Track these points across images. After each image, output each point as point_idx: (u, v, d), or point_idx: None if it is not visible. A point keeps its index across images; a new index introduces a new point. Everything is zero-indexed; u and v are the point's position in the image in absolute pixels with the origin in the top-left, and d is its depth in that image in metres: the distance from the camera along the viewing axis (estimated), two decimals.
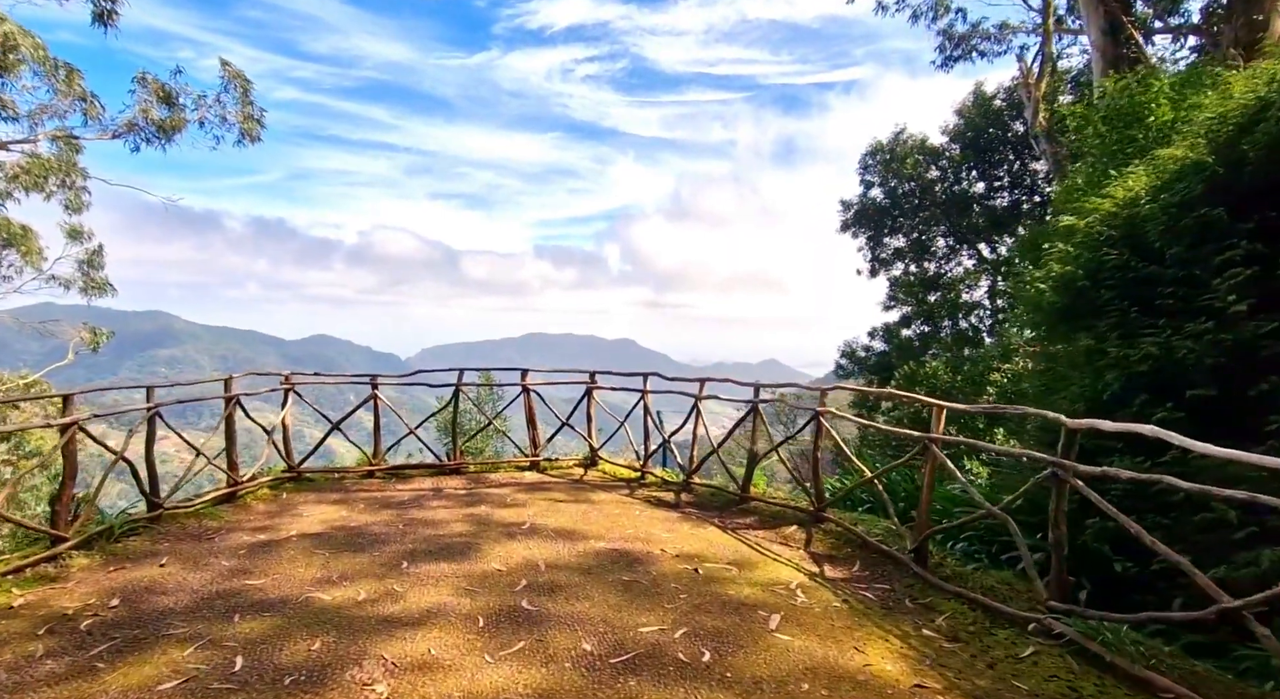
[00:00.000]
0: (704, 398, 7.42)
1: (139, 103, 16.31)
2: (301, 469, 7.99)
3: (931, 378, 13.17)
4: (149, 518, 6.06)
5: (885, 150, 16.73)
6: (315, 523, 6.40)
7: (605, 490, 7.77)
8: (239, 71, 17.09)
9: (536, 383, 8.64)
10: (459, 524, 6.35)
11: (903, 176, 16.49)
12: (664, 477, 7.94)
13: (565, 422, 8.73)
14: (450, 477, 8.32)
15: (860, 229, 17.61)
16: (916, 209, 16.75)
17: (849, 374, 18.92)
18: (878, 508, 6.60)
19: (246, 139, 17.42)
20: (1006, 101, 14.91)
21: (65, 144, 16.98)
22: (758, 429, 6.93)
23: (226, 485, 7.06)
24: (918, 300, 16.56)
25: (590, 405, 8.78)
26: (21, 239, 18.23)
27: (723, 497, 7.26)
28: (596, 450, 8.79)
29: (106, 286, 20.50)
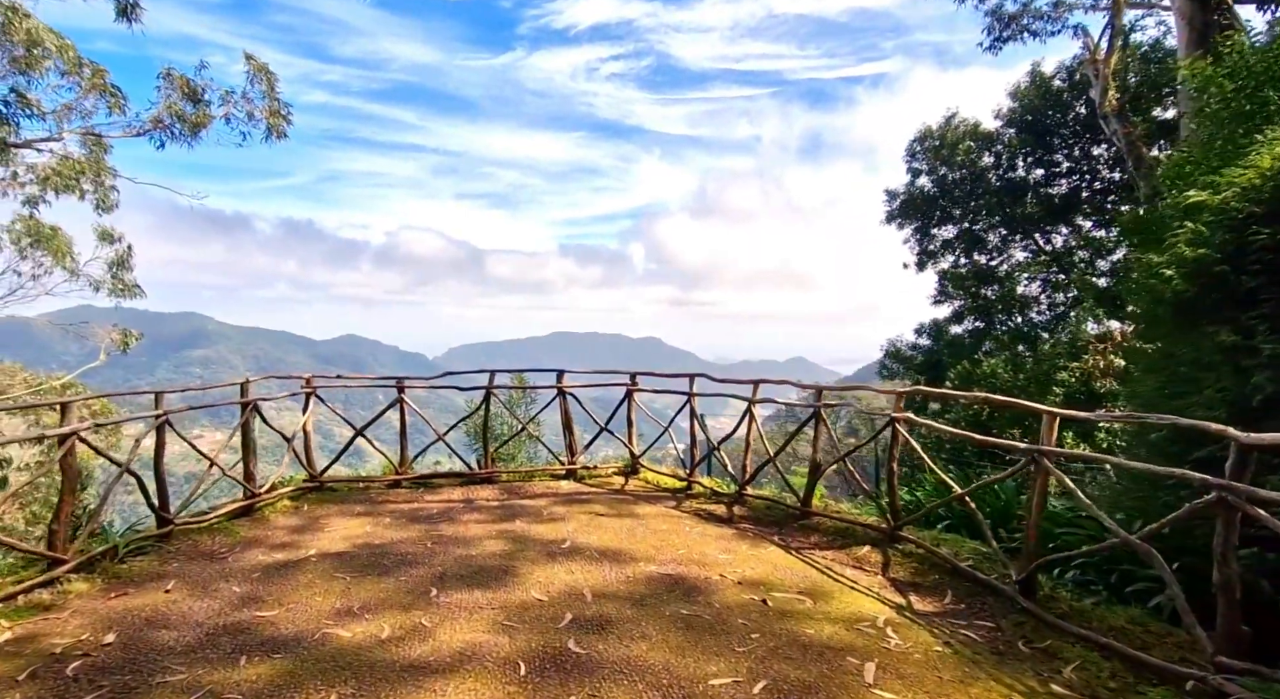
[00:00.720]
0: (758, 401, 6.74)
1: (164, 99, 16.09)
2: (324, 479, 7.49)
3: (990, 377, 12.32)
4: (158, 535, 5.58)
5: (934, 136, 15.82)
6: (337, 540, 5.87)
7: (649, 502, 7.14)
8: (263, 65, 16.79)
9: (573, 385, 8.03)
10: (493, 542, 5.76)
11: (953, 164, 15.58)
12: (713, 487, 7.28)
13: (604, 427, 8.12)
14: (482, 487, 7.75)
15: (907, 220, 16.71)
16: (967, 198, 15.82)
17: (894, 374, 18.02)
18: (958, 525, 5.88)
19: (273, 134, 17.12)
20: (1067, 81, 13.95)
21: (94, 144, 16.86)
22: (820, 436, 6.23)
23: (243, 498, 6.57)
24: (971, 294, 15.63)
25: (631, 409, 8.15)
26: (50, 239, 18.19)
27: (780, 510, 6.57)
28: (638, 457, 8.16)
29: (135, 289, 20.40)
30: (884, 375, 18.48)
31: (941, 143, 15.70)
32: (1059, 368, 11.22)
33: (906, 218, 16.75)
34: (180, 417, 6.79)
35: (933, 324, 17.06)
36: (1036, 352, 13.07)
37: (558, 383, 8.00)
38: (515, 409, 9.78)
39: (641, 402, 8.27)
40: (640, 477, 8.13)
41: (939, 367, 16.84)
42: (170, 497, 5.73)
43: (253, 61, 16.83)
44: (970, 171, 15.71)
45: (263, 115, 16.87)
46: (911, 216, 16.75)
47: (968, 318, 15.90)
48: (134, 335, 21.92)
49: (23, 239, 18.27)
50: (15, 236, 18.17)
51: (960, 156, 15.50)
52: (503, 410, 9.49)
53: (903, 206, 16.58)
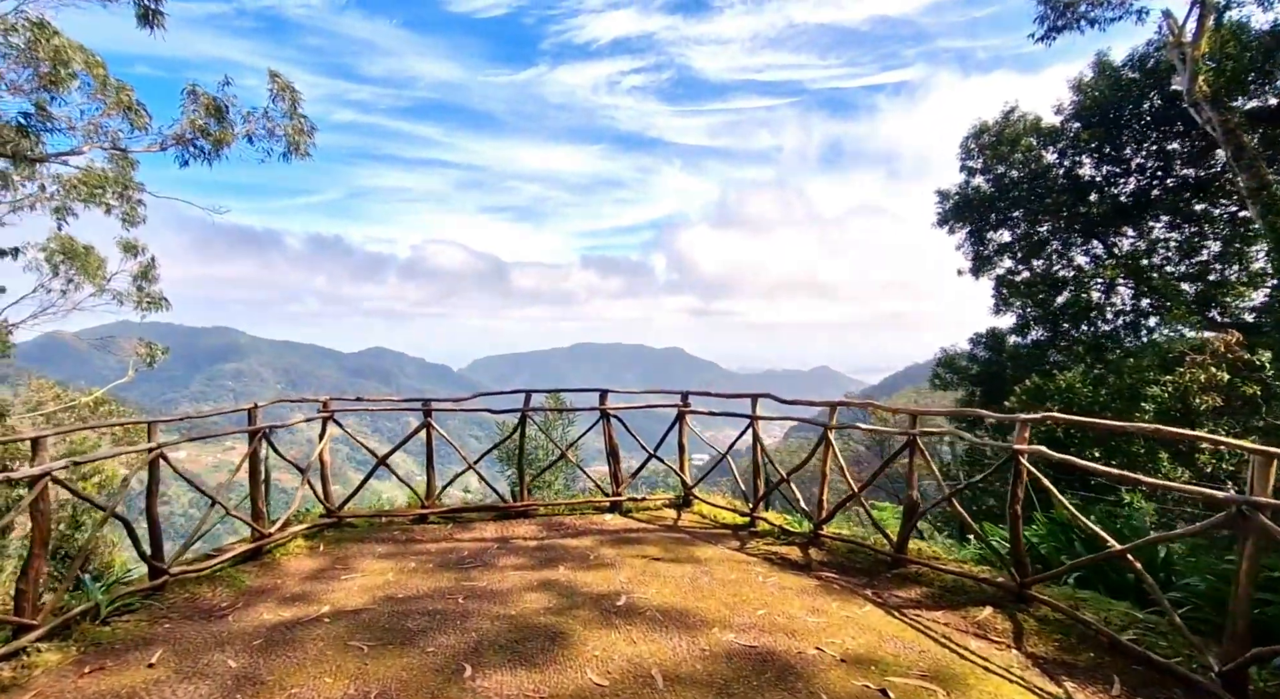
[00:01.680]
0: (836, 427, 5.81)
1: (187, 115, 15.74)
2: (343, 513, 6.72)
3: (1065, 393, 11.20)
4: (150, 588, 4.82)
5: (991, 133, 14.77)
6: (355, 592, 5.05)
7: (709, 542, 6.23)
8: (287, 83, 16.35)
9: (618, 407, 7.18)
10: (535, 596, 4.90)
11: (1012, 162, 14.51)
12: (782, 524, 6.34)
13: (653, 454, 7.26)
14: (518, 522, 6.91)
15: (960, 222, 15.64)
16: (1027, 198, 14.72)
17: (947, 385, 16.90)
18: (1091, 579, 4.88)
19: (294, 153, 16.70)
20: (1138, 70, 12.84)
21: (121, 159, 16.59)
22: (915, 469, 5.28)
23: (251, 539, 5.80)
24: (1038, 302, 14.49)
25: (682, 433, 7.27)
26: (83, 257, 17.97)
27: (866, 555, 5.62)
28: (691, 488, 7.27)
29: (161, 301, 20.04)
30: (936, 385, 17.38)
31: (999, 139, 14.63)
32: (1148, 382, 10.09)
33: (960, 220, 15.67)
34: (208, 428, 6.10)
35: (990, 334, 15.92)
36: (1111, 364, 11.91)
37: (601, 404, 7.15)
38: (551, 431, 8.95)
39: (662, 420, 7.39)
40: (694, 510, 7.23)
41: (998, 379, 15.70)
42: (182, 531, 4.98)
43: (277, 80, 16.39)
44: (1030, 170, 14.63)
45: (284, 133, 16.42)
46: (966, 219, 15.67)
47: (1032, 327, 14.75)
48: (160, 349, 21.57)
49: (55, 257, 18.06)
50: (49, 254, 17.98)
51: (1020, 154, 14.42)
52: (538, 433, 8.66)
53: (956, 208, 15.51)
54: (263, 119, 16.35)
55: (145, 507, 4.95)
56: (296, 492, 6.55)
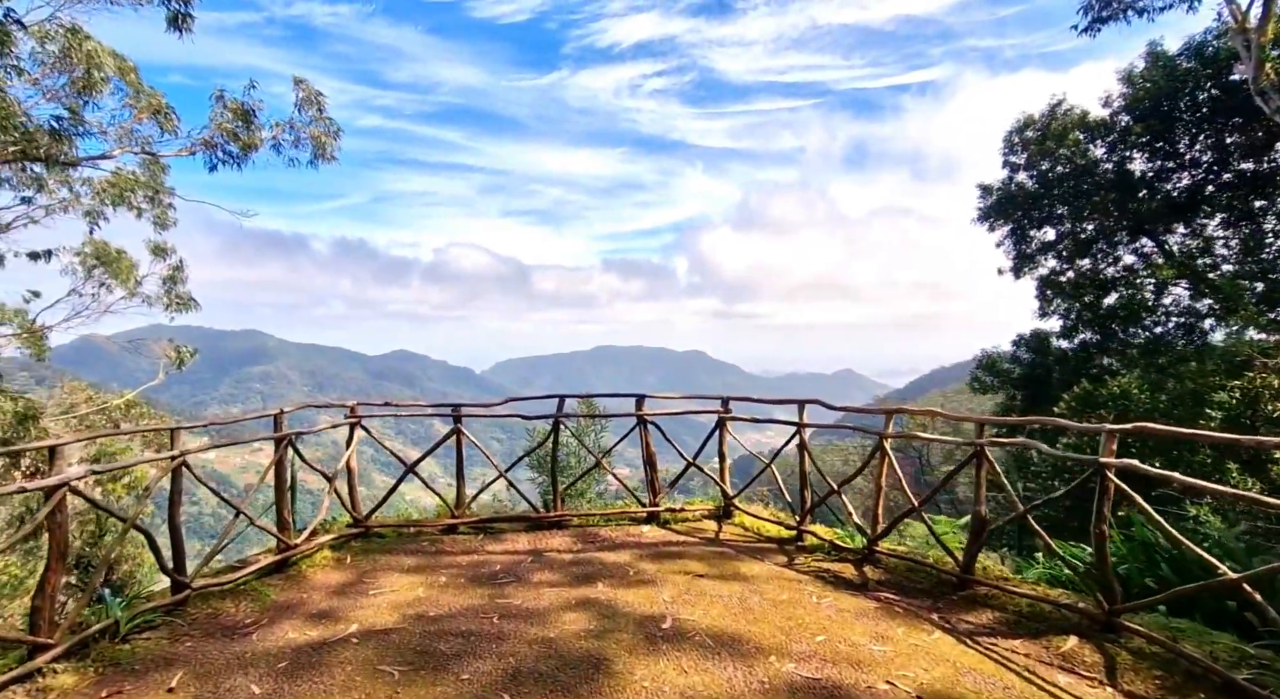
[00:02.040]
0: (892, 436, 5.41)
1: (215, 120, 15.78)
2: (370, 523, 6.47)
3: (1121, 399, 10.63)
4: (172, 603, 4.59)
5: (1036, 126, 14.19)
6: (384, 609, 4.78)
7: (754, 557, 5.87)
8: (313, 90, 16.34)
9: (656, 413, 6.84)
10: (575, 616, 4.59)
11: (1058, 157, 13.92)
12: (832, 539, 5.95)
13: (692, 462, 6.91)
14: (551, 533, 6.61)
15: (1002, 219, 15.06)
16: (1073, 195, 14.13)
17: (986, 388, 16.31)
18: (1185, 607, 4.43)
19: (320, 158, 16.68)
20: (1193, 59, 12.22)
21: (152, 164, 16.72)
22: (983, 482, 4.87)
23: (276, 551, 5.56)
24: (1085, 303, 13.88)
25: (723, 440, 6.91)
26: (116, 261, 18.13)
27: (925, 574, 5.22)
28: (732, 499, 6.90)
29: (190, 302, 20.17)
30: (975, 388, 16.80)
31: (1044, 134, 14.06)
32: (1213, 387, 9.50)
33: (1002, 217, 15.10)
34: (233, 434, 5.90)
35: (1033, 336, 15.33)
36: (1167, 368, 11.30)
37: (638, 410, 6.82)
38: (583, 436, 8.64)
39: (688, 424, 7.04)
40: (735, 521, 6.87)
41: (1042, 383, 15.11)
42: (211, 532, 4.76)
43: (302, 86, 16.38)
44: (1077, 165, 14.03)
45: (310, 139, 16.40)
46: (1008, 216, 15.10)
47: (1079, 329, 14.14)
48: (189, 351, 21.71)
49: (89, 261, 18.24)
50: (84, 258, 18.16)
51: (1067, 149, 13.84)
52: (570, 439, 8.36)
53: (999, 204, 14.94)
54: (289, 125, 16.35)
55: (168, 516, 4.73)
56: (323, 499, 6.32)
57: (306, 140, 16.22)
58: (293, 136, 16.19)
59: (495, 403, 6.87)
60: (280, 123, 15.91)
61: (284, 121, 15.93)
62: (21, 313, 17.81)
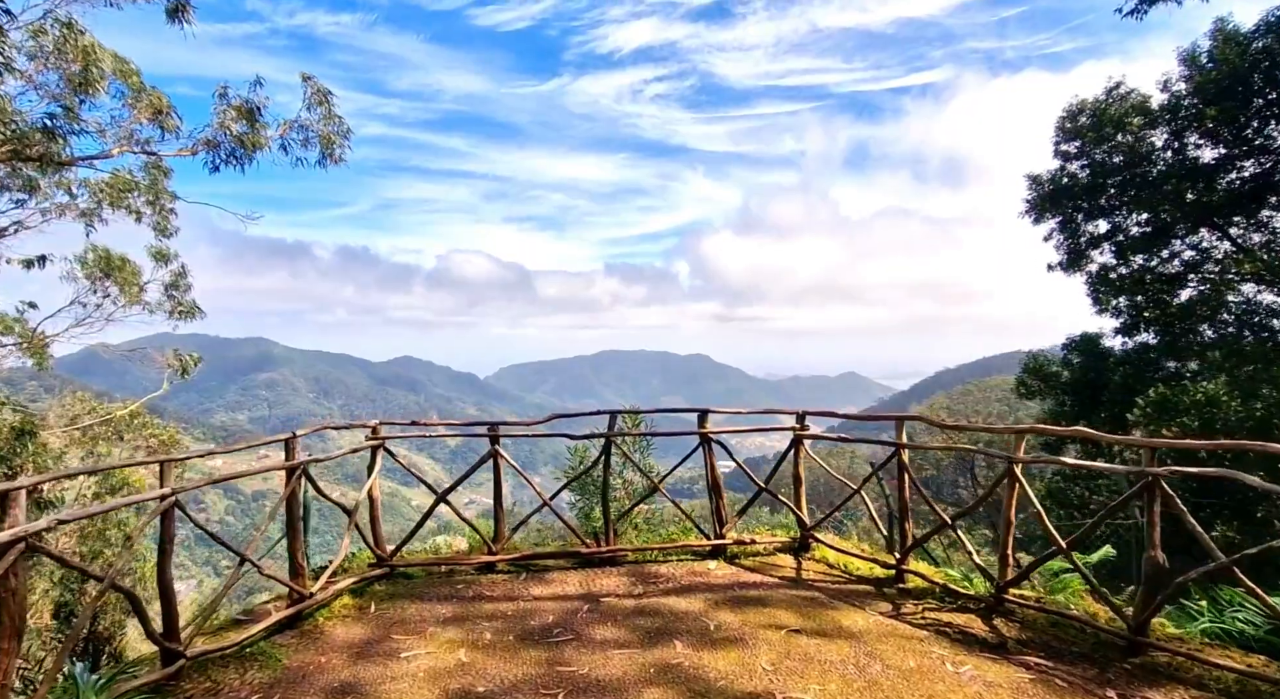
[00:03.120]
0: (1023, 459, 4.49)
1: (218, 117, 15.01)
2: (396, 561, 5.59)
3: (1205, 407, 9.70)
4: (162, 678, 3.72)
5: (1090, 112, 13.24)
6: (420, 681, 3.89)
7: (852, 604, 4.96)
8: (322, 88, 15.55)
9: (723, 430, 5.94)
10: (657, 695, 3.69)
11: (1116, 144, 12.97)
12: (944, 582, 5.03)
13: (764, 487, 6.02)
14: (603, 572, 5.71)
15: (1052, 212, 14.11)
16: (1131, 185, 13.17)
17: (1033, 392, 15.34)
18: None
19: (328, 158, 15.89)
20: (1275, 33, 11.28)
21: (154, 167, 15.98)
22: (1154, 521, 3.94)
23: (288, 602, 4.68)
24: (1150, 301, 12.92)
25: (798, 461, 6.01)
26: (120, 270, 17.41)
27: (1079, 632, 4.29)
28: (811, 529, 6.00)
29: (194, 310, 19.37)
30: (1021, 393, 15.84)
31: (1099, 119, 13.12)
32: None
33: (1053, 209, 14.14)
34: (236, 465, 5.03)
35: (1084, 337, 14.37)
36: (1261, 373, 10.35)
37: (701, 426, 5.92)
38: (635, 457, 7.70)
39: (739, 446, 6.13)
40: (816, 556, 5.95)
41: (1095, 388, 14.15)
42: None
43: (311, 83, 15.56)
44: (1135, 153, 13.08)
45: (319, 138, 15.62)
46: (1058, 208, 14.15)
47: (1143, 330, 13.17)
48: (193, 359, 20.91)
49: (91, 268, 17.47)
50: (86, 266, 17.40)
51: (1126, 136, 12.90)
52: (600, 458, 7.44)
53: (1051, 195, 13.97)
54: (297, 124, 15.55)
55: (156, 570, 3.86)
56: (342, 534, 5.45)
57: (315, 140, 15.44)
58: (301, 136, 15.42)
59: (536, 421, 5.98)
60: (288, 121, 15.13)
61: (291, 120, 15.16)
62: (21, 321, 17.08)
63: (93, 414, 19.40)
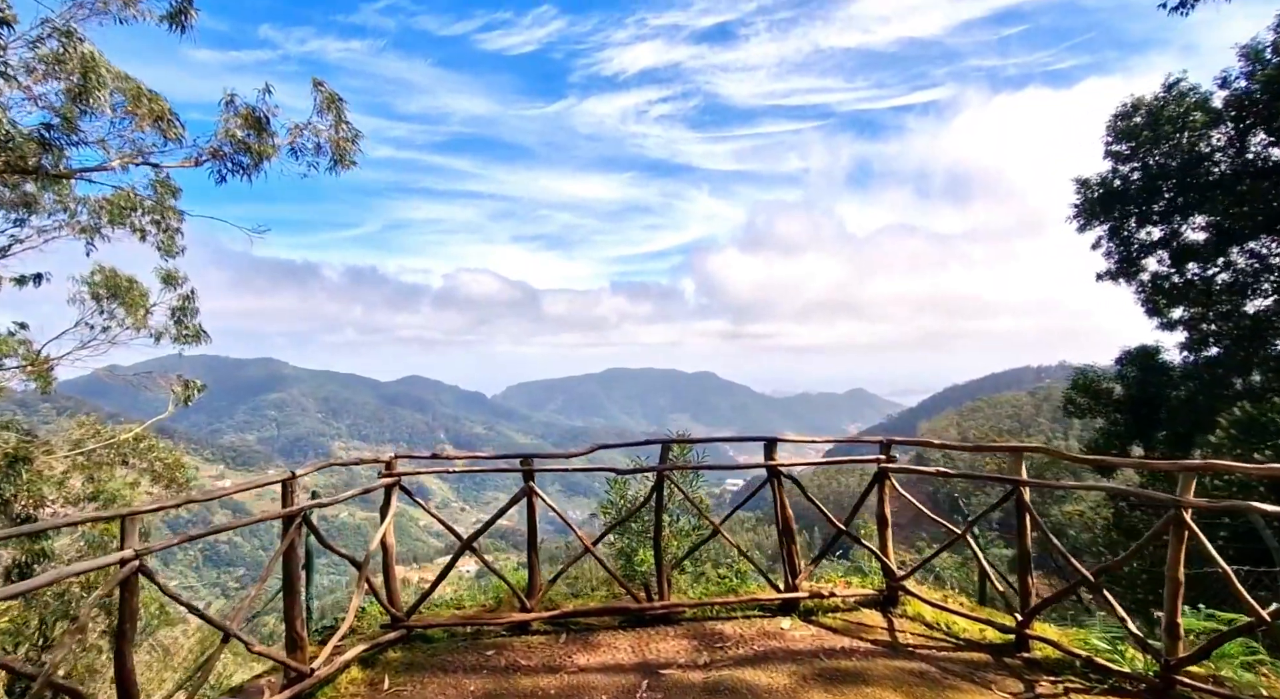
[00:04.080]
0: (1193, 503, 3.61)
1: (224, 126, 14.42)
2: (413, 621, 4.72)
3: None
4: None
5: (1145, 111, 12.39)
6: None
7: (973, 680, 4.04)
8: (333, 93, 14.97)
9: (794, 463, 5.07)
10: None
11: (1175, 145, 12.12)
12: (1086, 653, 4.10)
13: (844, 529, 5.14)
14: (658, 632, 4.81)
15: (1103, 217, 13.23)
16: (1193, 188, 12.31)
17: (1084, 412, 14.39)
18: None
19: (340, 164, 15.27)
20: None
21: (161, 185, 15.40)
22: None
23: (284, 680, 3.82)
24: (1222, 313, 12.01)
25: (884, 497, 5.13)
26: (126, 291, 16.83)
27: None
28: (900, 580, 5.09)
29: (200, 334, 18.66)
30: (1069, 412, 14.87)
31: (1157, 118, 12.28)
32: None
33: (1104, 215, 13.27)
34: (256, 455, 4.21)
35: (1140, 351, 13.45)
36: None
37: (768, 459, 5.06)
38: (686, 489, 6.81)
39: None
40: (908, 612, 5.04)
41: (1152, 405, 13.19)
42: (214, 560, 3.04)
43: (321, 89, 14.98)
44: (1195, 153, 12.26)
45: (329, 144, 15.01)
46: (1110, 213, 13.29)
47: (1211, 343, 12.25)
48: (198, 386, 20.20)
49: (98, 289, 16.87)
50: (94, 289, 16.79)
51: (1186, 135, 12.07)
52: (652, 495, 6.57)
53: (1102, 200, 13.10)
54: (307, 130, 14.93)
55: (114, 653, 3.02)
56: (351, 591, 4.59)
57: (326, 146, 14.84)
58: (312, 142, 14.81)
59: (574, 452, 5.12)
60: (298, 125, 14.52)
61: (301, 124, 14.55)
62: (25, 343, 16.47)
63: (97, 438, 18.67)
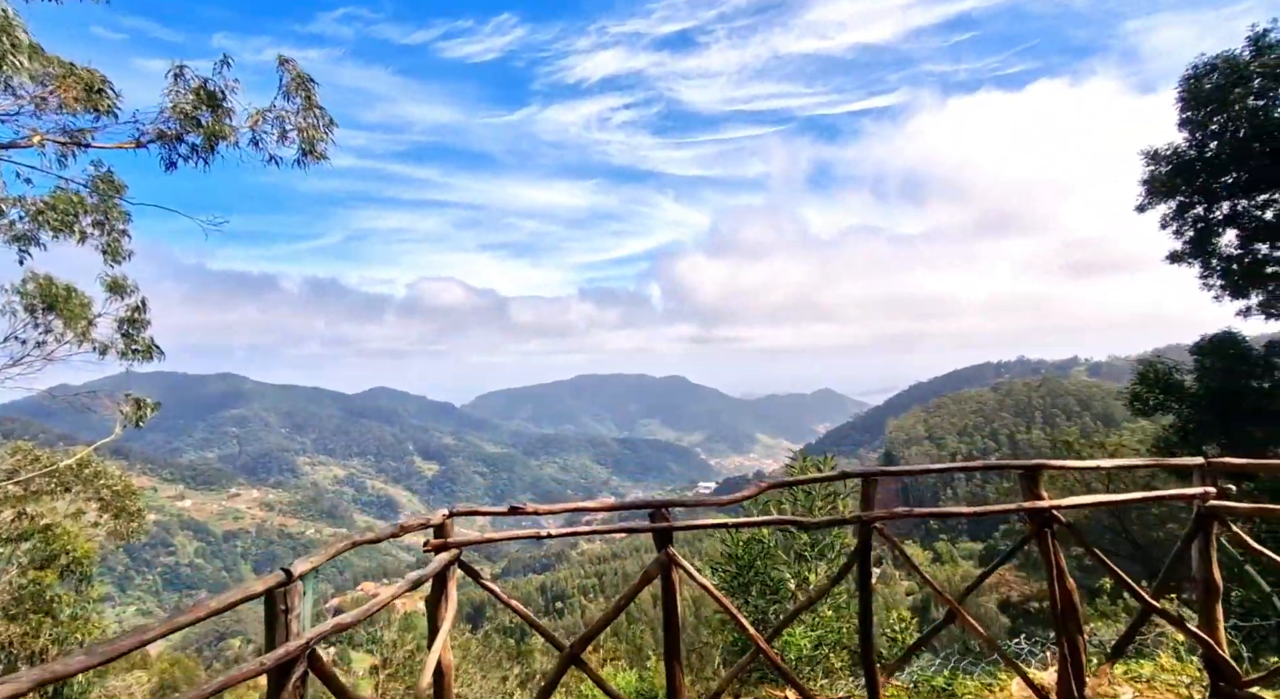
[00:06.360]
0: None
1: (172, 100, 12.24)
2: None
3: None
4: None
5: (1223, 72, 11.04)
6: None
7: None
8: (302, 74, 12.84)
9: (1065, 502, 3.34)
10: None
11: (1249, 114, 10.76)
12: None
13: (1153, 604, 3.52)
14: None
15: (1174, 193, 11.90)
16: (1260, 157, 11.08)
17: (1152, 408, 13.05)
18: None
19: (309, 156, 13.14)
20: None
21: (105, 182, 13.12)
22: None
23: None
24: None
25: (1212, 554, 3.45)
26: (65, 301, 14.48)
27: None
28: (1244, 685, 3.39)
29: (152, 350, 16.19)
30: (1136, 409, 13.54)
31: (1235, 79, 10.97)
32: None
33: (1179, 188, 11.91)
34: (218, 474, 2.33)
35: (1222, 337, 12.17)
36: None
37: (1031, 496, 3.34)
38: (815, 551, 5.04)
39: None
40: None
41: (1232, 397, 11.89)
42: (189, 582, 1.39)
43: (289, 67, 12.80)
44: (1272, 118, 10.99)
45: (297, 132, 12.86)
46: (1179, 188, 11.97)
47: None
48: (149, 405, 17.73)
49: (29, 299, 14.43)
50: (27, 300, 14.36)
51: (1264, 101, 10.76)
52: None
53: (1175, 173, 11.75)
54: (271, 114, 12.77)
55: None
56: None
57: (294, 134, 12.69)
58: (276, 130, 12.66)
59: (734, 499, 3.36)
60: (259, 110, 12.38)
61: (265, 109, 12.42)
62: None
63: (35, 465, 16.31)
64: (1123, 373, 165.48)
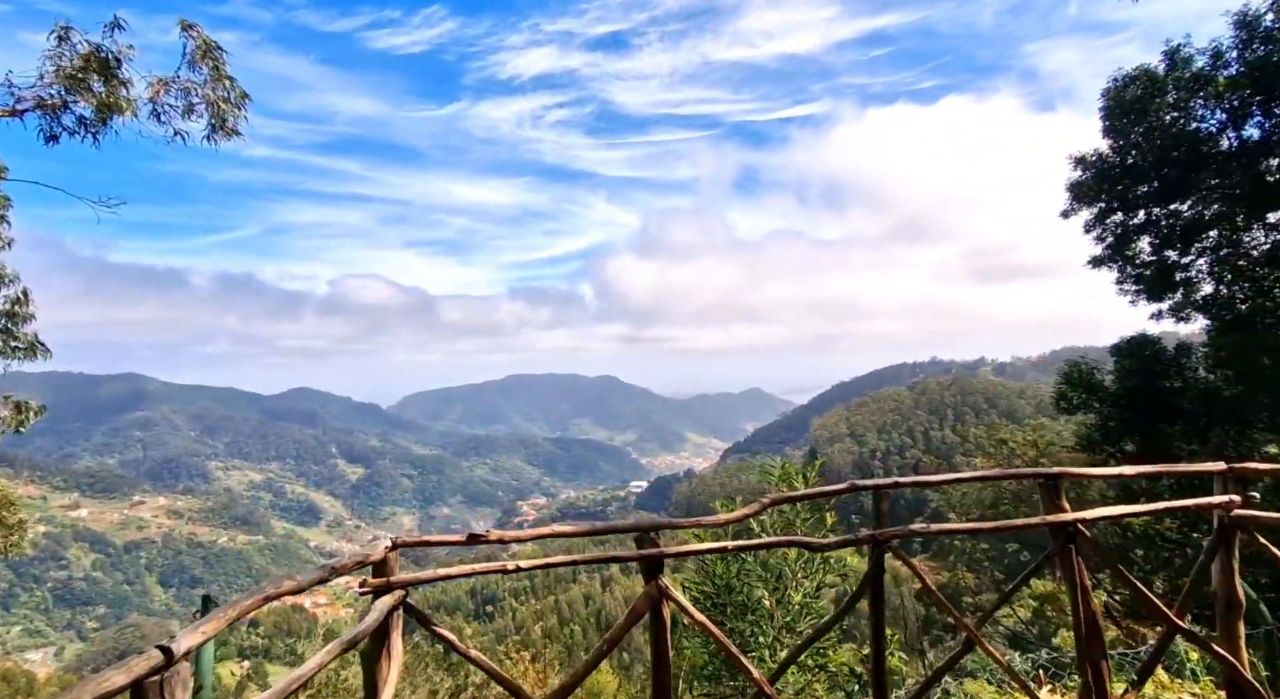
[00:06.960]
0: None
1: (56, 65, 10.95)
2: None
3: None
4: None
5: (1141, 84, 11.57)
6: None
7: None
8: (209, 41, 11.70)
9: (1097, 514, 3.13)
10: None
11: (1166, 122, 11.38)
12: None
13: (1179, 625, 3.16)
14: None
15: (1090, 200, 12.43)
16: (1176, 165, 11.68)
17: (1075, 407, 13.59)
18: None
19: (219, 132, 12.01)
20: None
21: None
22: None
23: None
24: (1264, 291, 11.38)
25: (1234, 567, 3.27)
26: None
27: None
28: None
29: (36, 347, 14.52)
30: (1063, 409, 14.08)
31: (1153, 91, 11.52)
32: None
33: (1100, 195, 12.44)
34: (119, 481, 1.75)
35: (1139, 339, 12.76)
36: None
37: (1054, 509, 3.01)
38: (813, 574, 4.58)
39: None
40: None
41: (1155, 394, 12.50)
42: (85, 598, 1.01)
43: (193, 33, 11.66)
44: (1188, 131, 11.62)
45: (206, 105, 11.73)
46: (1099, 194, 12.51)
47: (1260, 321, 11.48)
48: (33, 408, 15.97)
49: None
50: None
51: (1186, 108, 11.37)
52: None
53: (1097, 178, 12.26)
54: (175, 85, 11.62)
55: None
56: None
57: (201, 107, 11.55)
58: (182, 102, 11.48)
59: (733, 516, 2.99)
60: (163, 79, 11.20)
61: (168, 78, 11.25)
62: None
63: None
64: (1024, 372, 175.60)
